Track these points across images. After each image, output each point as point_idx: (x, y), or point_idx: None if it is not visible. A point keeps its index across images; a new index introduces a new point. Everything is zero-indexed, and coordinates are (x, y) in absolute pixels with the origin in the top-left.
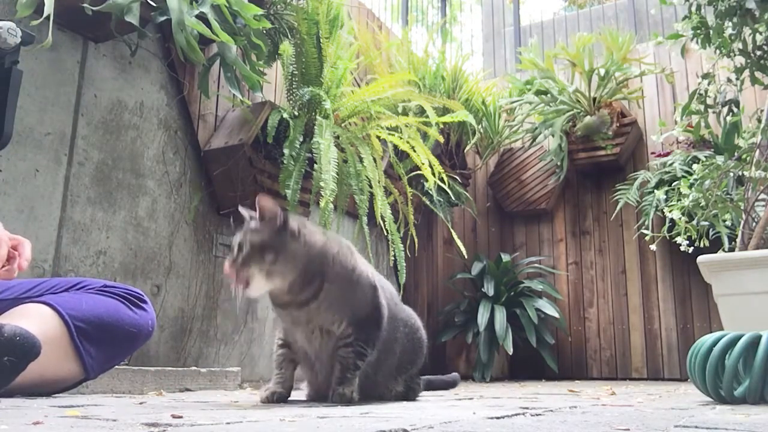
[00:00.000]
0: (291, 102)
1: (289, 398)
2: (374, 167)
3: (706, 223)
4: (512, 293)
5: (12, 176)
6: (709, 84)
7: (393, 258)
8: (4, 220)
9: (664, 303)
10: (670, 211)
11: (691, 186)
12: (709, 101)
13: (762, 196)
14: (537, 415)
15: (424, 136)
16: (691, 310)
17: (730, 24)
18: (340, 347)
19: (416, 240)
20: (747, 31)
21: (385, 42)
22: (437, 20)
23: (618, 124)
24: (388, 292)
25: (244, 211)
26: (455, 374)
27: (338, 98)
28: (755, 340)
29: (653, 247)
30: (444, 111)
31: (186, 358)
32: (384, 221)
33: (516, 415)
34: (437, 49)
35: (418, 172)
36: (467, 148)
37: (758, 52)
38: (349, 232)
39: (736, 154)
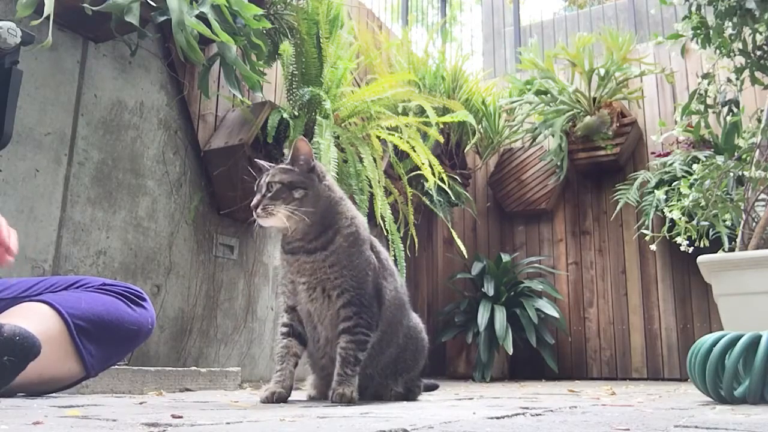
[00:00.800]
0: (291, 102)
1: (289, 398)
2: (374, 167)
3: (706, 223)
4: (512, 293)
5: (12, 176)
6: (709, 84)
7: (393, 258)
8: None
9: (664, 303)
10: (670, 211)
11: (691, 186)
12: (709, 101)
13: (762, 196)
14: (537, 415)
15: (424, 136)
16: (691, 310)
17: (730, 24)
18: (341, 333)
19: (416, 240)
20: (747, 31)
21: (385, 42)
22: (437, 20)
23: (618, 124)
24: (396, 278)
25: (261, 162)
26: (435, 383)
27: (338, 98)
28: (755, 340)
29: (653, 247)
30: (444, 111)
31: (186, 358)
32: (384, 221)
33: (516, 415)
34: (437, 49)
35: (418, 172)
36: (467, 148)
37: (758, 52)
38: None
39: (736, 154)
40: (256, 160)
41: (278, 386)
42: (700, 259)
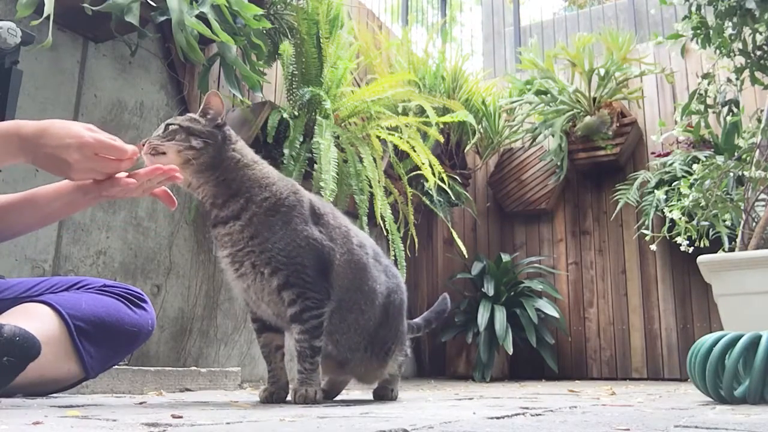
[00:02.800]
0: (291, 102)
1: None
2: (374, 167)
3: (706, 223)
4: (512, 293)
5: (12, 176)
6: (709, 84)
7: (393, 258)
8: None
9: (664, 303)
10: (670, 211)
11: (691, 186)
12: (709, 101)
13: (762, 196)
14: (537, 415)
15: (424, 136)
16: (691, 310)
17: (730, 24)
18: (291, 322)
19: (416, 240)
20: (747, 31)
21: (385, 42)
22: (437, 20)
23: (618, 124)
24: (351, 238)
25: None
26: (442, 299)
27: (338, 98)
28: (755, 340)
29: (653, 247)
30: (444, 111)
31: (186, 358)
32: (384, 221)
33: (516, 415)
34: (437, 49)
35: (418, 172)
36: (467, 148)
37: (758, 52)
38: None
39: (736, 154)
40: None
41: (273, 385)
42: (700, 259)
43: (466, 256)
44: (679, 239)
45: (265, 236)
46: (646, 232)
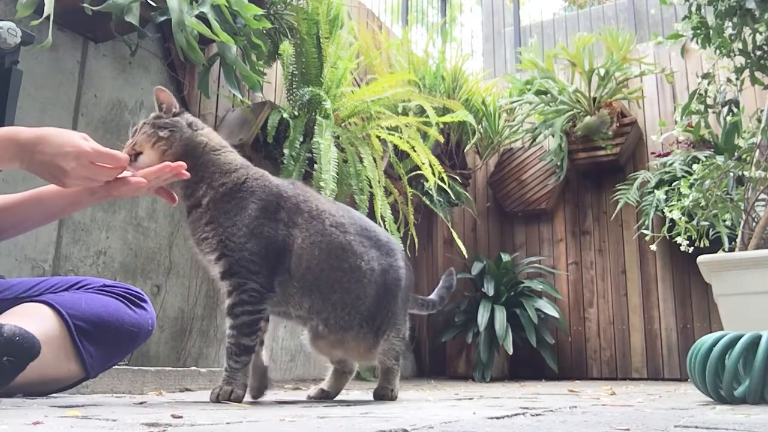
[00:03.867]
0: (291, 102)
1: (290, 397)
2: (374, 167)
3: (706, 223)
4: (512, 293)
5: (12, 176)
6: (709, 84)
7: None
8: None
9: (664, 303)
10: (670, 211)
11: (691, 186)
12: (709, 101)
13: (762, 196)
14: (537, 415)
15: (424, 136)
16: (691, 310)
17: (730, 24)
18: (226, 314)
19: (416, 240)
20: (747, 31)
21: (385, 42)
22: (437, 20)
23: (618, 124)
24: (324, 219)
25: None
26: (447, 273)
27: (338, 98)
28: (755, 340)
29: (653, 247)
30: (444, 111)
31: (186, 358)
32: (384, 221)
33: (516, 415)
34: (437, 50)
35: (418, 172)
36: (467, 148)
37: (758, 52)
38: None
39: (736, 154)
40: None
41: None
42: (700, 259)
43: (466, 256)
44: (679, 239)
45: (219, 221)
46: (646, 232)
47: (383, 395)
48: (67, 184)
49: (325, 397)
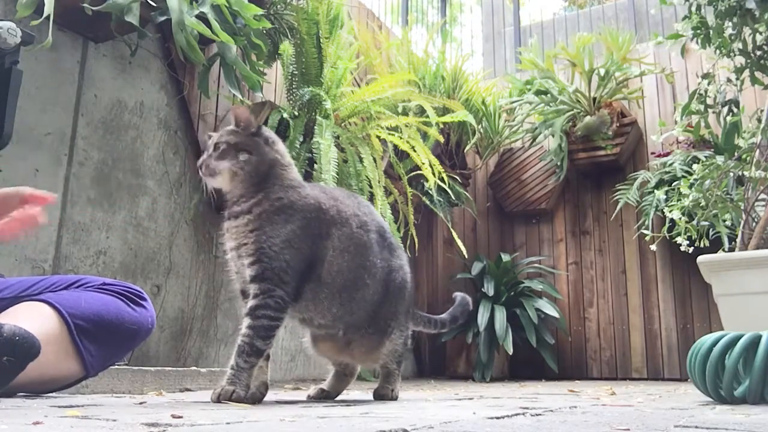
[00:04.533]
0: (291, 102)
1: (287, 396)
2: (374, 167)
3: (706, 223)
4: (512, 293)
5: (12, 176)
6: (709, 84)
7: None
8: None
9: (664, 303)
10: (670, 211)
11: (691, 186)
12: (709, 101)
13: (762, 196)
14: (537, 415)
15: (424, 136)
16: (691, 310)
17: (730, 24)
18: (245, 314)
19: (416, 240)
20: (747, 31)
21: (385, 42)
22: (437, 20)
23: (618, 124)
24: (351, 223)
25: (211, 133)
26: (461, 298)
27: (338, 98)
28: (755, 340)
29: (653, 247)
30: (444, 111)
31: (186, 358)
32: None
33: (516, 415)
34: (437, 50)
35: (418, 172)
36: (467, 148)
37: (758, 52)
38: None
39: (736, 154)
40: (208, 133)
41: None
42: (700, 259)
43: (466, 256)
44: (679, 239)
45: (264, 230)
46: (646, 232)
47: (384, 395)
48: None
49: (325, 397)
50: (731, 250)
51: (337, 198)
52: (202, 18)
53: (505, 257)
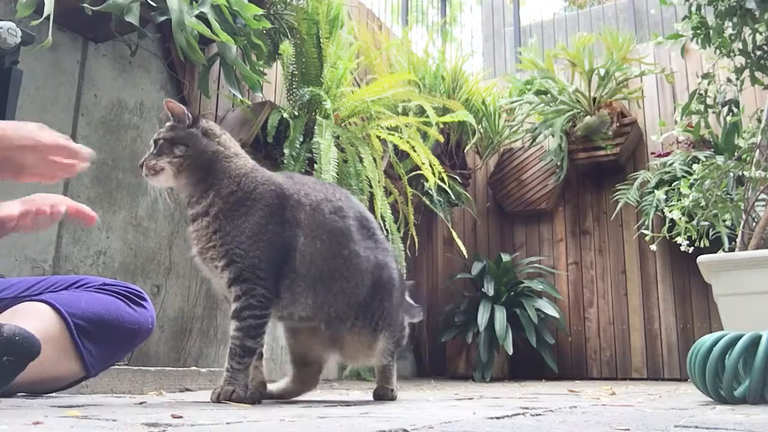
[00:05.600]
0: (291, 102)
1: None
2: (374, 167)
3: (706, 223)
4: (512, 293)
5: None
6: (709, 84)
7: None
8: None
9: (664, 303)
10: (670, 211)
11: (691, 186)
12: (709, 101)
13: (762, 196)
14: (537, 415)
15: (424, 136)
16: (691, 310)
17: (730, 24)
18: (231, 317)
19: (416, 240)
20: (747, 31)
21: (385, 42)
22: (437, 20)
23: (618, 124)
24: (334, 206)
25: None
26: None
27: (338, 98)
28: (755, 340)
29: (653, 247)
30: (444, 111)
31: (186, 358)
32: (384, 221)
33: (516, 415)
34: (437, 49)
35: (418, 172)
36: (467, 148)
37: (758, 52)
38: None
39: (736, 154)
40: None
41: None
42: (700, 259)
43: (466, 256)
44: (679, 239)
45: (227, 230)
46: (646, 232)
47: (383, 395)
48: (22, 179)
49: (287, 395)
50: (731, 250)
51: (305, 183)
52: (202, 18)
53: (505, 257)
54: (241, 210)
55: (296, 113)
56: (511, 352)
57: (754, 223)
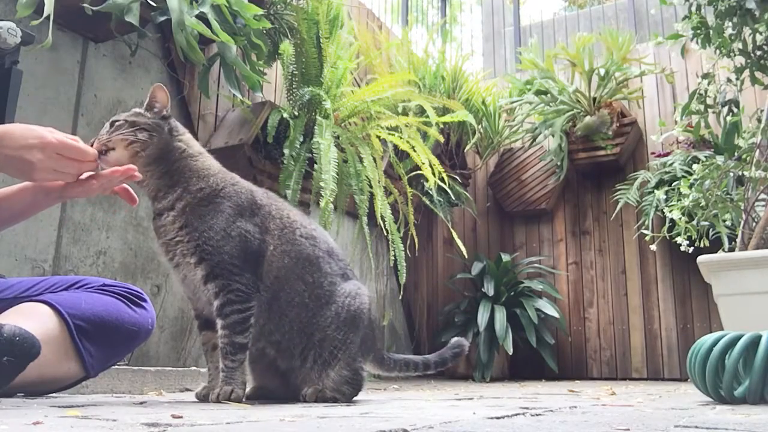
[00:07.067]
0: (291, 102)
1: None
2: (374, 167)
3: (706, 223)
4: (512, 293)
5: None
6: (709, 84)
7: (393, 258)
8: None
9: (664, 303)
10: (670, 211)
11: (691, 186)
12: (709, 101)
13: (762, 196)
14: (537, 415)
15: (424, 136)
16: (691, 310)
17: (730, 24)
18: (215, 317)
19: (416, 240)
20: (747, 31)
21: (385, 42)
22: (437, 20)
23: (618, 124)
24: (296, 230)
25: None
26: (456, 341)
27: (338, 98)
28: (755, 340)
29: (653, 247)
30: (444, 111)
31: (186, 358)
32: (384, 221)
33: (516, 415)
34: (437, 49)
35: (418, 172)
36: (467, 148)
37: (758, 52)
38: (349, 232)
39: (736, 154)
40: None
41: (210, 384)
42: (700, 259)
43: (466, 256)
44: (679, 239)
45: (194, 225)
46: (646, 232)
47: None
48: (35, 178)
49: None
50: (731, 250)
51: (279, 200)
52: (202, 18)
53: (505, 257)
54: (210, 207)
55: (296, 113)
56: (511, 352)
57: (754, 223)
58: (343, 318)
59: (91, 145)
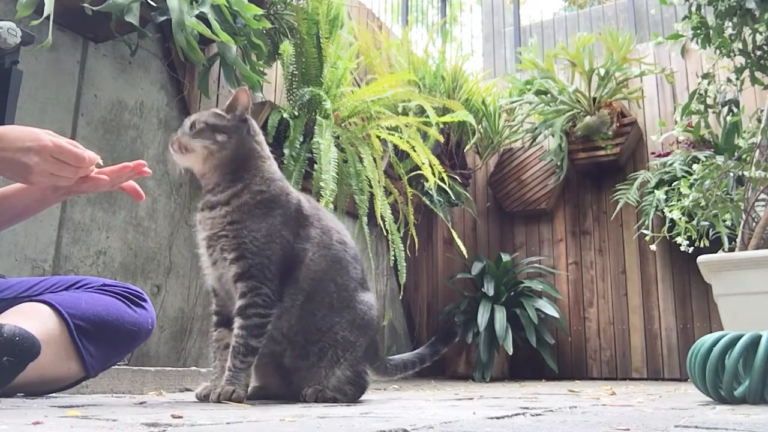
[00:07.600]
0: (291, 102)
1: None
2: (374, 167)
3: (706, 223)
4: (512, 293)
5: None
6: (709, 84)
7: (393, 258)
8: None
9: (664, 303)
10: (670, 211)
11: (691, 186)
12: (709, 101)
13: (762, 196)
14: (537, 415)
15: (424, 136)
16: (691, 310)
17: (730, 24)
18: (235, 314)
19: (416, 240)
20: (747, 31)
21: (385, 42)
22: (437, 20)
23: (618, 124)
24: (331, 234)
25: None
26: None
27: (338, 98)
28: (755, 340)
29: (653, 247)
30: (444, 111)
31: (186, 358)
32: (384, 221)
33: (516, 415)
34: (437, 49)
35: (418, 172)
36: (467, 148)
37: (758, 52)
38: (349, 232)
39: (736, 154)
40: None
41: (213, 383)
42: (700, 259)
43: (466, 256)
44: (679, 239)
45: (245, 224)
46: (646, 232)
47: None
48: (32, 181)
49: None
50: (731, 250)
51: (319, 209)
52: (202, 18)
53: (505, 257)
54: (264, 210)
55: (296, 113)
56: (511, 352)
57: (754, 223)
58: (358, 323)
59: (171, 145)
